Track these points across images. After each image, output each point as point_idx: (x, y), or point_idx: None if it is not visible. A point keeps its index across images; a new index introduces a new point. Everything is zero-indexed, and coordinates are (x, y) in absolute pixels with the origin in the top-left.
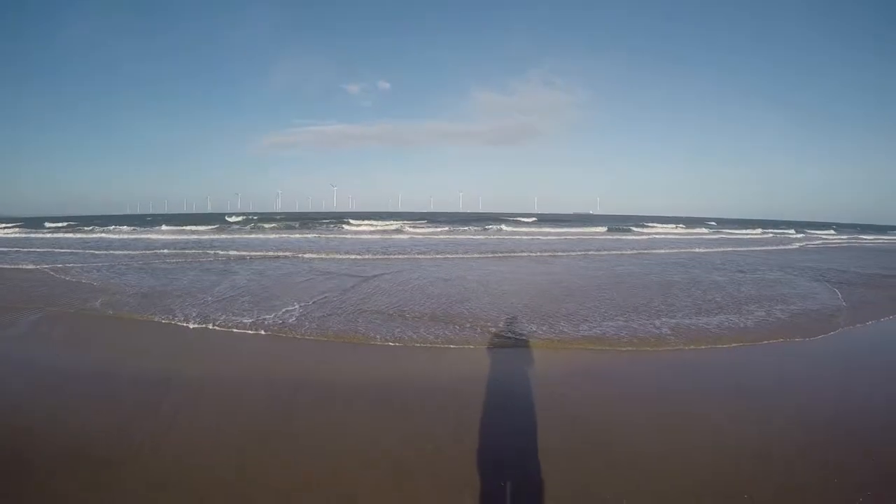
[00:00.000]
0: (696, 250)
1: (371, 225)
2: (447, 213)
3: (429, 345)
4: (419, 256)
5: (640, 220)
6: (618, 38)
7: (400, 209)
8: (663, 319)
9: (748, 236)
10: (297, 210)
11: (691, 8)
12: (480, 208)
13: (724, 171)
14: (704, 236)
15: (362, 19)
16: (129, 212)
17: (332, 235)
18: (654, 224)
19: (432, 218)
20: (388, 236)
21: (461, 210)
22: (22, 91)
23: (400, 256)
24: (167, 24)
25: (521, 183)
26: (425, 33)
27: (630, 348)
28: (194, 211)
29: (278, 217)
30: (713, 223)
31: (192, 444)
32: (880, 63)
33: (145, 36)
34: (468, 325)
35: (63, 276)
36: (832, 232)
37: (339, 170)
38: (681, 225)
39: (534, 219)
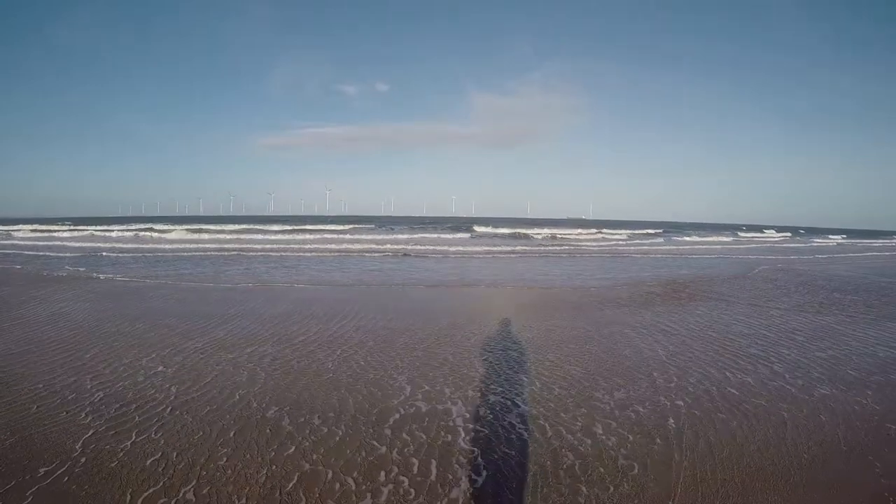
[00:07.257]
0: None
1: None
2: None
3: None
4: None
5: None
6: (617, 42)
7: (393, 213)
8: None
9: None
10: (289, 213)
11: (691, 13)
12: (473, 213)
13: (721, 174)
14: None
15: (360, 20)
16: (121, 213)
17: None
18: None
19: (460, 225)
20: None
21: (454, 214)
22: (14, 90)
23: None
24: (163, 24)
25: (514, 187)
26: (424, 35)
27: None
28: (187, 213)
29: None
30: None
31: None
32: None
33: (141, 36)
34: None
35: None
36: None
37: (334, 172)
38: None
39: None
